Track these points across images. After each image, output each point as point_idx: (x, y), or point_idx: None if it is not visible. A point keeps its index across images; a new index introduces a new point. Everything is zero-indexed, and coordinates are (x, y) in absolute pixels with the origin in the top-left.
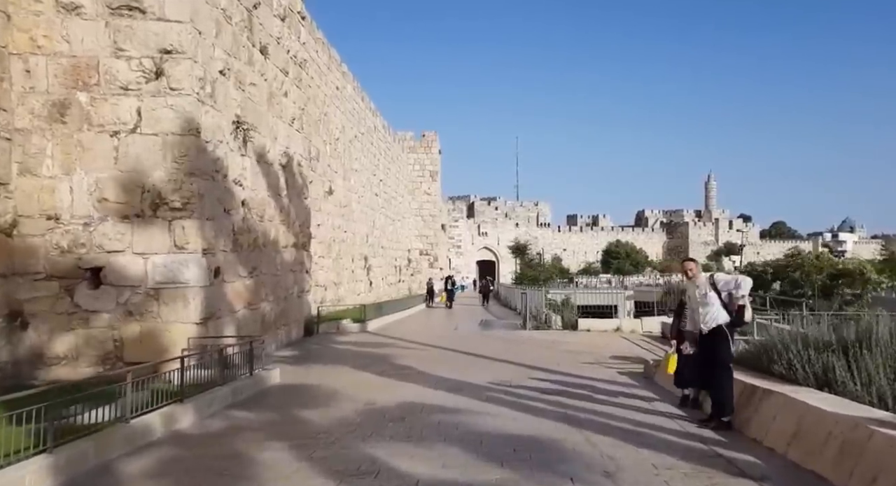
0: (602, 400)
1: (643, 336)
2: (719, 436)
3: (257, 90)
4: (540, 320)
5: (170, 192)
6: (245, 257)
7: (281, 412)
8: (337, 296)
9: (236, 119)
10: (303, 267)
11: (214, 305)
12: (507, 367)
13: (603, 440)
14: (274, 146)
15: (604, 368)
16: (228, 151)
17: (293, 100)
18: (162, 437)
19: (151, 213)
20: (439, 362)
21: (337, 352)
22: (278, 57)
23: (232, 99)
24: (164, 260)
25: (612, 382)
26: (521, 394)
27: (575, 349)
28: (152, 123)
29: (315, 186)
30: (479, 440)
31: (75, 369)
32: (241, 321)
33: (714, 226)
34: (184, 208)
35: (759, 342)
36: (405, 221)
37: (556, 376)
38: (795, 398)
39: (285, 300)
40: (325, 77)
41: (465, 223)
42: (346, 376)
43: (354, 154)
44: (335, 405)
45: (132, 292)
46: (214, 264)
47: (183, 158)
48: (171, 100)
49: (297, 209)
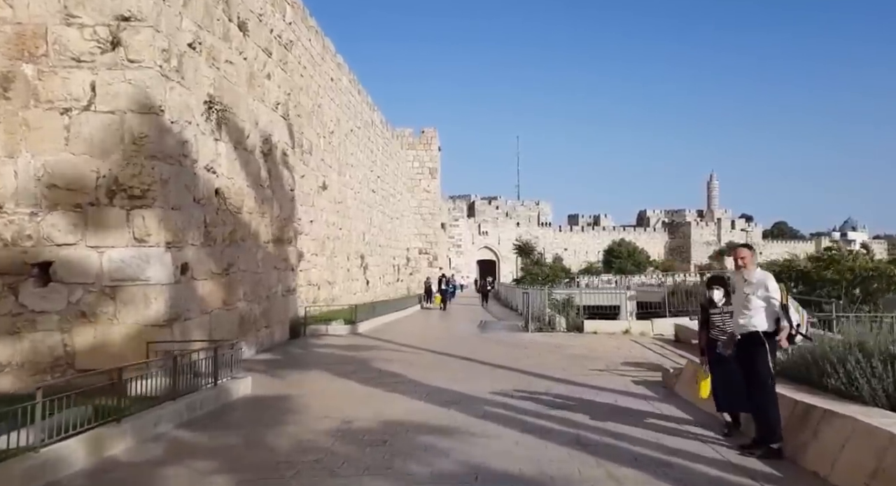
0: (618, 417)
1: (654, 339)
2: (770, 468)
3: (235, 69)
4: (543, 322)
5: (128, 177)
6: (219, 253)
7: (240, 432)
8: (331, 295)
9: (209, 99)
10: (288, 264)
11: (181, 305)
12: (509, 374)
13: (627, 475)
14: (254, 132)
15: (616, 376)
16: (199, 134)
17: (277, 83)
18: (80, 469)
19: (107, 201)
20: (433, 368)
21: (321, 357)
22: (260, 35)
23: (204, 76)
24: (122, 254)
25: (627, 393)
26: (525, 408)
27: (582, 354)
28: (108, 100)
29: (308, 180)
30: (473, 473)
31: (20, 378)
32: (215, 323)
33: (716, 226)
34: (144, 196)
35: (802, 350)
36: (404, 220)
37: (563, 385)
38: (872, 425)
39: (267, 300)
40: (319, 67)
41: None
42: (327, 385)
43: (350, 149)
44: (307, 424)
45: (85, 291)
46: (181, 259)
47: (143, 140)
48: (130, 73)
49: (281, 202)
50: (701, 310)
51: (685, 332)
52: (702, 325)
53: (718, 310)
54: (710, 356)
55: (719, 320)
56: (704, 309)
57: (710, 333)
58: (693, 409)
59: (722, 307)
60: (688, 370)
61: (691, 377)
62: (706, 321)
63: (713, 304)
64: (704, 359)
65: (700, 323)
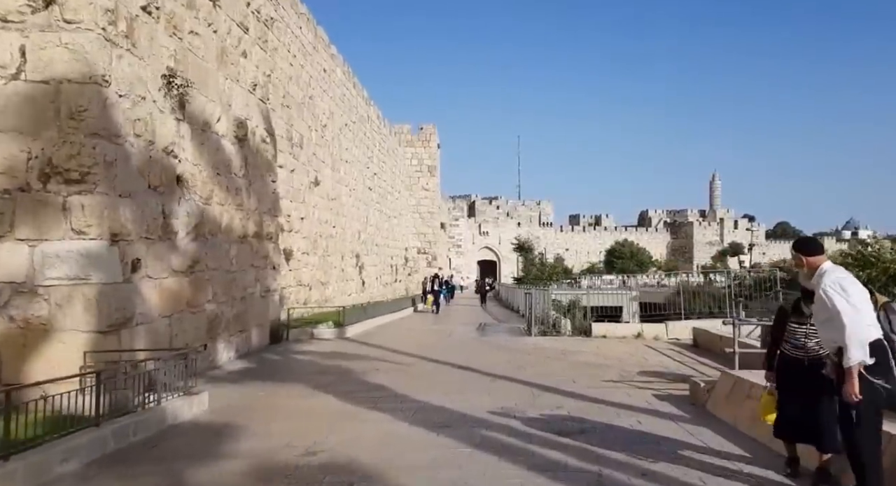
0: (646, 446)
1: (670, 344)
2: None
3: (202, 42)
4: (547, 325)
5: (65, 158)
6: (183, 248)
7: (172, 469)
8: (324, 296)
9: (169, 73)
10: (267, 262)
11: (129, 308)
12: (510, 387)
13: None
14: (227, 114)
15: (634, 388)
16: (156, 112)
17: (255, 63)
18: None
19: (40, 186)
20: (425, 379)
21: (301, 365)
22: (234, 7)
23: (162, 46)
24: (58, 249)
25: (650, 412)
26: (531, 434)
27: (592, 361)
28: (41, 67)
29: (299, 174)
30: None
31: None
32: (177, 328)
33: (719, 226)
34: (84, 180)
35: None
36: (402, 218)
37: (574, 401)
38: None
39: (243, 301)
40: (311, 57)
41: (466, 222)
42: (299, 401)
43: (345, 144)
44: (261, 456)
45: (13, 291)
46: (131, 254)
47: (83, 114)
48: (67, 36)
49: (260, 194)
50: (779, 315)
51: (705, 336)
52: (774, 335)
53: (805, 322)
54: (780, 377)
55: (802, 333)
56: (784, 315)
57: (785, 346)
58: (736, 435)
59: (809, 319)
60: (723, 384)
61: (760, 406)
62: (781, 331)
63: (800, 312)
64: (771, 375)
65: (773, 331)
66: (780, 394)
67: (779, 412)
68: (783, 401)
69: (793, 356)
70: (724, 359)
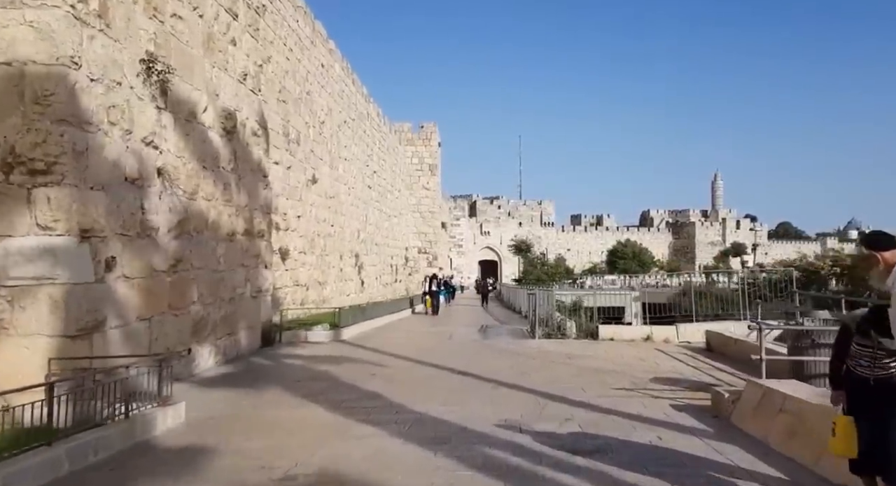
0: (668, 469)
1: (681, 347)
2: None
3: (186, 26)
4: (551, 327)
5: (29, 146)
6: (164, 246)
7: None
8: (321, 297)
9: (148, 57)
10: (259, 261)
11: (102, 310)
12: (515, 395)
13: None
14: (214, 104)
15: (648, 397)
16: (134, 99)
17: (246, 51)
18: None
19: (2, 177)
20: (423, 386)
21: (291, 370)
22: None
23: (140, 29)
24: (21, 245)
25: (669, 425)
26: (539, 452)
27: (601, 367)
28: (3, 47)
29: (295, 172)
30: None
31: None
32: (157, 332)
33: (721, 226)
34: (50, 171)
35: None
36: (402, 218)
37: (583, 412)
38: None
39: (231, 302)
40: (308, 51)
41: (467, 222)
42: (285, 412)
43: (343, 141)
44: (233, 480)
45: None
46: (105, 252)
47: (49, 98)
48: (31, 13)
49: (250, 189)
50: (841, 334)
51: (719, 339)
52: (838, 351)
53: (872, 345)
54: (849, 394)
55: (868, 356)
56: (847, 335)
57: (849, 362)
58: (768, 453)
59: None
60: (750, 395)
61: (836, 436)
62: (845, 351)
63: (867, 334)
64: (840, 395)
65: (836, 347)
66: (853, 415)
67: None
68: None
69: (858, 375)
70: (743, 364)
